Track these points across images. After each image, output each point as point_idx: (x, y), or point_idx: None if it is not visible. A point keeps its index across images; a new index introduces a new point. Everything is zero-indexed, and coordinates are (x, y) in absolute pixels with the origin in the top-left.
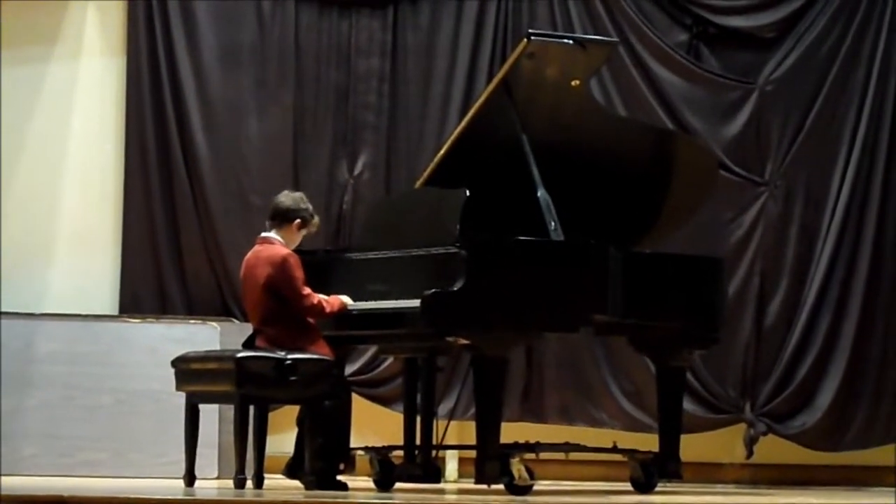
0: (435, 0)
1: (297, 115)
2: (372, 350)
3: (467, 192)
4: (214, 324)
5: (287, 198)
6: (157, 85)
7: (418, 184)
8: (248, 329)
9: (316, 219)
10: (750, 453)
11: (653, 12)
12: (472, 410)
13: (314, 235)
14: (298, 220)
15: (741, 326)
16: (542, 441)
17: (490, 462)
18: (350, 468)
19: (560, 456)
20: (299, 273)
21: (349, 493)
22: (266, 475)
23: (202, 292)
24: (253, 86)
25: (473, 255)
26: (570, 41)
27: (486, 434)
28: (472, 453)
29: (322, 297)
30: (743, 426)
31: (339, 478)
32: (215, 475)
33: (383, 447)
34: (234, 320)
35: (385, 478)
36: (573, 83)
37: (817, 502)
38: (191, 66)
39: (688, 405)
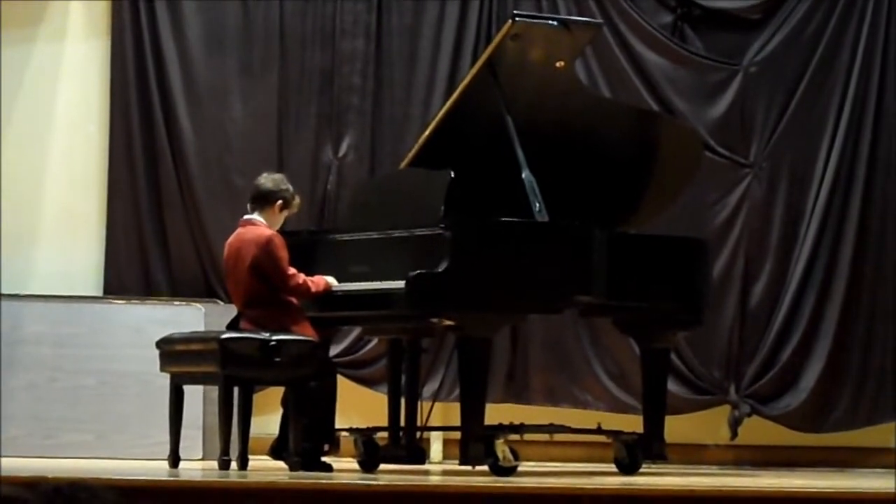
0: None
1: (282, 97)
2: (356, 331)
3: (451, 174)
4: (199, 305)
5: (267, 180)
6: (142, 67)
7: (403, 165)
8: (232, 310)
9: (297, 199)
10: (734, 434)
11: None
12: (457, 392)
13: (296, 216)
14: (280, 202)
15: (726, 308)
16: (527, 422)
17: (474, 443)
18: (335, 449)
19: (544, 437)
20: (284, 253)
21: (333, 474)
22: (251, 456)
23: (186, 274)
24: (237, 68)
25: (458, 237)
26: (555, 23)
27: (470, 415)
28: (457, 435)
29: (307, 277)
30: (727, 407)
31: (323, 459)
32: (200, 456)
33: (368, 428)
34: (219, 301)
35: (369, 459)
36: (558, 65)
37: (802, 483)
38: (175, 49)
39: (672, 386)
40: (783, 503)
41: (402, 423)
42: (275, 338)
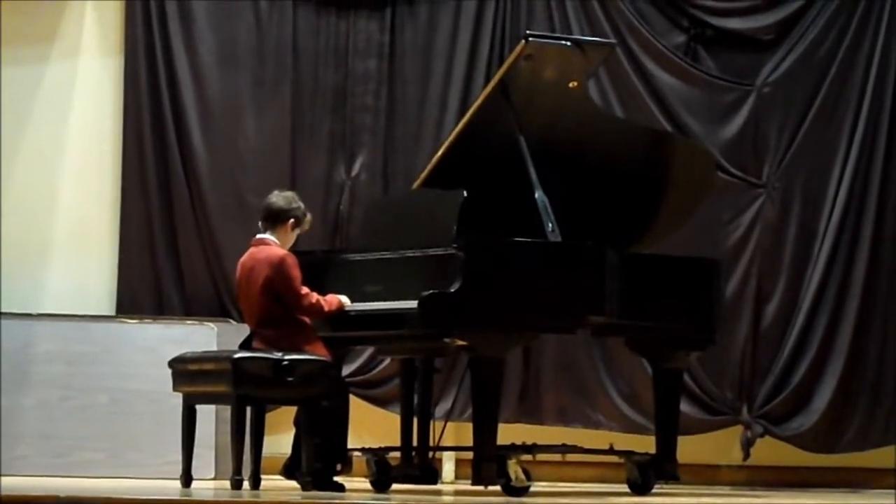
0: (433, 1)
1: (295, 116)
2: (369, 351)
3: (465, 194)
4: (211, 324)
5: (279, 198)
6: (155, 85)
7: (416, 185)
8: (245, 330)
9: (308, 216)
10: (747, 455)
11: (650, 14)
12: (469, 412)
13: (308, 235)
14: (292, 220)
15: (738, 328)
16: (539, 442)
17: (487, 463)
18: (347, 469)
19: (557, 457)
20: (297, 273)
21: (346, 494)
22: (263, 476)
23: (199, 293)
24: (250, 86)
25: (471, 257)
26: (568, 43)
27: (482, 435)
28: (469, 454)
29: (320, 296)
30: (740, 428)
31: (335, 479)
32: (212, 476)
33: (380, 448)
34: (231, 321)
35: (382, 479)
36: (571, 85)
37: None
38: (188, 66)
39: (684, 407)
40: None
41: (415, 442)
42: (287, 357)
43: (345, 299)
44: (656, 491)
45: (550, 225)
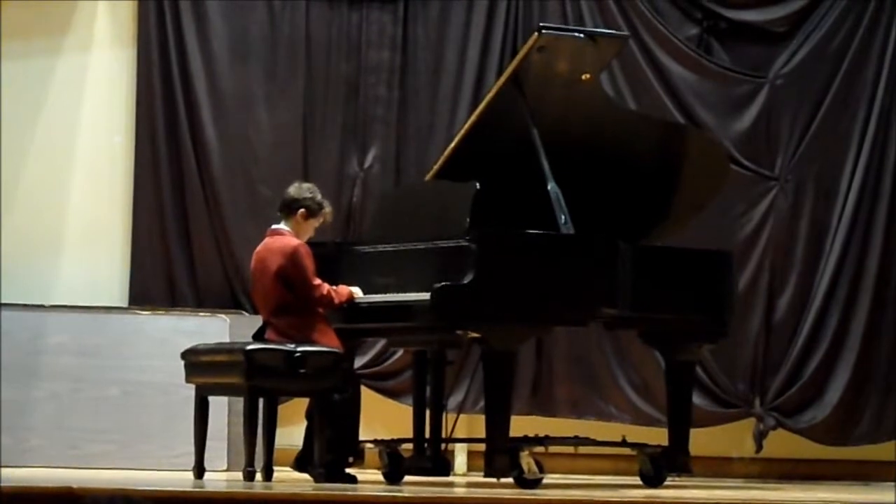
0: None
1: (307, 108)
2: (381, 343)
3: (477, 185)
4: (224, 316)
5: (293, 188)
6: (168, 77)
7: (428, 177)
8: (257, 321)
9: (327, 208)
10: (759, 448)
11: (663, 6)
12: (482, 404)
13: (328, 225)
14: (303, 210)
15: (751, 320)
16: (552, 434)
17: (499, 455)
18: (359, 461)
19: (569, 449)
20: (310, 263)
21: (358, 485)
22: (275, 468)
23: (212, 284)
24: (263, 78)
25: (483, 249)
26: (581, 35)
27: (495, 427)
28: (482, 446)
29: (331, 287)
30: (752, 420)
31: (348, 471)
32: (225, 468)
33: (392, 440)
34: (244, 312)
35: (394, 471)
36: (584, 77)
37: (826, 497)
38: (201, 58)
39: (697, 399)
40: None
41: (427, 434)
42: (300, 349)
43: (356, 290)
44: (668, 483)
45: (563, 217)
